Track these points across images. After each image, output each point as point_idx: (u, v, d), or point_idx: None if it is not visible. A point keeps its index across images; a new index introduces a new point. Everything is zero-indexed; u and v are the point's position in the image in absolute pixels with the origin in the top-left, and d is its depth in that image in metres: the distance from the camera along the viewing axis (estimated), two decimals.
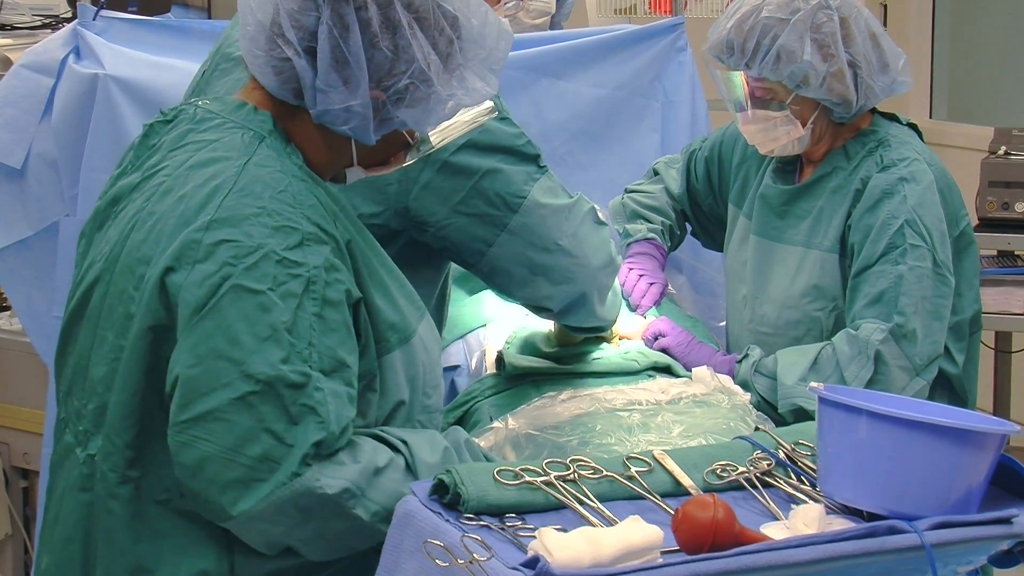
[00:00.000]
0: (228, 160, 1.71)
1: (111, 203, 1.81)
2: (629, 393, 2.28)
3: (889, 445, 1.56)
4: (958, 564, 1.60)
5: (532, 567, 1.42)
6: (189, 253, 1.65)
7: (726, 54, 2.51)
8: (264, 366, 1.61)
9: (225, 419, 1.61)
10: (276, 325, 1.63)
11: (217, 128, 1.76)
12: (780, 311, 2.58)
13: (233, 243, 1.64)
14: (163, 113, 1.85)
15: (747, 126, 2.56)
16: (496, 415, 2.28)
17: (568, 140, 3.12)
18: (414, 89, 1.73)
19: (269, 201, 1.67)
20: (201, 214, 1.66)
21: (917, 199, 2.45)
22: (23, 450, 3.21)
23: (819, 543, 1.48)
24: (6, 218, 2.79)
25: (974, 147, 4.46)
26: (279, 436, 1.61)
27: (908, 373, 2.40)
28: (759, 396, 2.43)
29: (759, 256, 2.64)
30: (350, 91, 1.71)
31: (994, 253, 3.91)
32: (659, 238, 2.82)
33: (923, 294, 2.42)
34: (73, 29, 2.76)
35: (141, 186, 1.77)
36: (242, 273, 1.63)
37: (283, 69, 1.73)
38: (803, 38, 2.44)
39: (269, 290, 1.63)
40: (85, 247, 1.83)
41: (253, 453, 1.60)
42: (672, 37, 3.19)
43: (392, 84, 1.73)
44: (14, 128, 2.76)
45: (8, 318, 3.28)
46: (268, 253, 1.64)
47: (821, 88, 2.46)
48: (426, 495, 1.62)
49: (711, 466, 1.74)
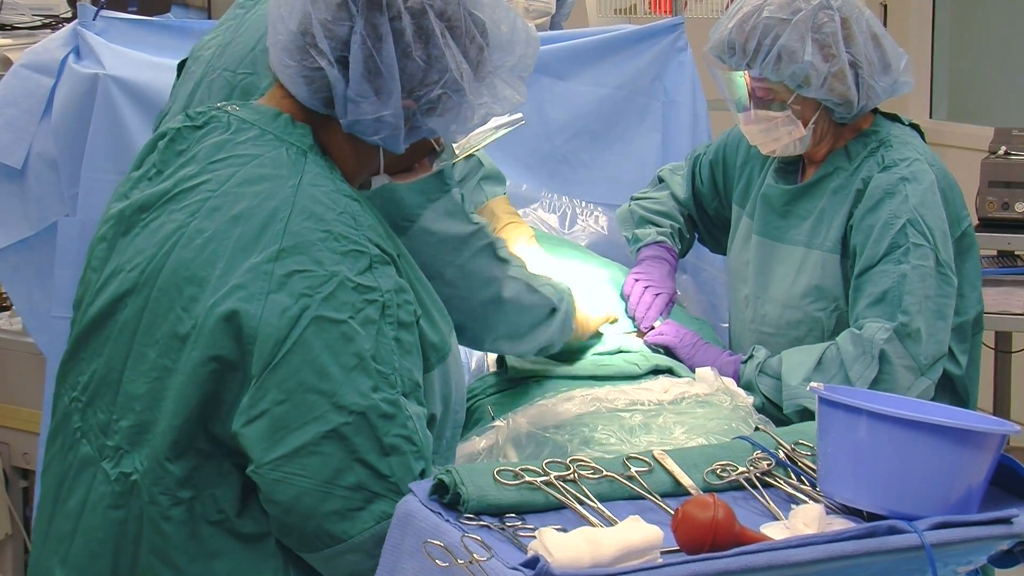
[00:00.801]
0: (279, 179, 1.69)
1: (139, 209, 1.76)
2: (631, 393, 2.28)
3: (889, 445, 1.56)
4: (958, 564, 1.60)
5: (532, 567, 1.42)
6: (260, 284, 1.63)
7: (727, 54, 2.51)
8: (356, 396, 1.61)
9: (319, 452, 1.60)
10: (361, 354, 1.62)
11: (256, 140, 1.74)
12: (782, 311, 2.58)
13: (306, 273, 1.63)
14: (189, 117, 1.82)
15: (749, 126, 2.56)
16: (498, 414, 2.28)
17: (570, 139, 3.13)
18: (446, 99, 1.73)
19: (333, 224, 1.66)
20: (263, 239, 1.65)
21: (919, 199, 2.45)
22: (23, 450, 3.21)
23: (819, 543, 1.48)
24: (7, 218, 2.79)
25: (974, 147, 4.46)
26: (372, 467, 1.61)
27: (913, 372, 2.40)
28: (764, 397, 2.43)
29: (761, 256, 2.64)
30: (382, 101, 1.70)
31: (994, 253, 3.91)
32: (669, 241, 2.82)
33: (926, 293, 2.42)
34: (73, 29, 2.76)
35: (180, 198, 1.73)
36: (320, 304, 1.62)
37: (315, 79, 1.72)
38: (804, 38, 2.44)
39: (350, 319, 1.63)
40: (106, 251, 1.78)
41: (347, 483, 1.61)
42: (672, 37, 3.20)
43: (424, 94, 1.72)
44: (14, 128, 2.76)
45: (8, 318, 3.28)
46: (343, 281, 1.63)
47: (822, 88, 2.46)
48: (426, 495, 1.62)
49: (711, 466, 1.74)
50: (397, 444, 1.63)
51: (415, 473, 1.64)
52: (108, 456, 1.70)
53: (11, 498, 3.29)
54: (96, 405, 1.73)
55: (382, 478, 1.62)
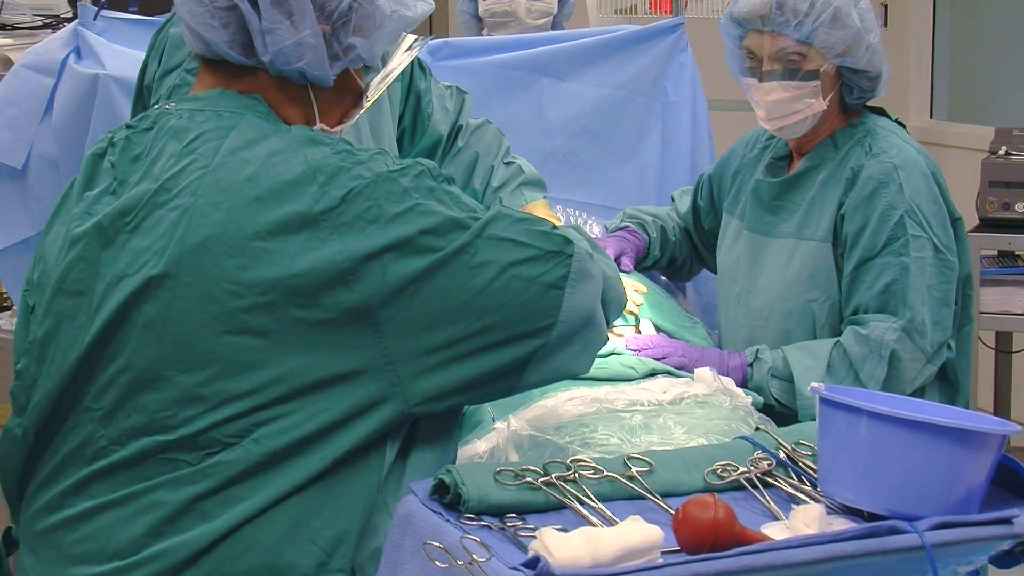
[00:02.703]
0: (266, 137, 1.70)
1: (119, 215, 1.71)
2: (631, 394, 2.28)
3: (890, 445, 1.56)
4: (958, 564, 1.60)
5: (532, 567, 1.42)
6: (326, 222, 1.65)
7: (775, 13, 2.45)
8: (466, 212, 1.71)
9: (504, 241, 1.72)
10: (442, 198, 1.70)
11: (217, 118, 1.74)
12: (772, 303, 2.58)
13: (359, 190, 1.66)
14: (131, 126, 1.80)
15: (768, 96, 2.50)
16: (498, 415, 2.28)
17: (570, 139, 3.13)
18: (357, 7, 1.75)
19: (340, 144, 1.70)
20: (294, 185, 1.65)
21: (913, 188, 2.46)
22: None
23: (820, 543, 1.48)
24: (8, 218, 2.79)
25: (974, 147, 4.47)
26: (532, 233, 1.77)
27: (920, 363, 2.43)
28: (775, 399, 2.44)
29: (750, 251, 2.64)
30: (296, 24, 1.72)
31: (994, 253, 3.91)
32: (636, 228, 2.82)
33: (928, 283, 2.43)
34: (73, 29, 2.76)
35: (170, 187, 1.70)
36: (384, 200, 1.66)
37: (229, 20, 1.73)
38: (853, 4, 2.45)
39: (414, 193, 1.68)
40: (89, 270, 1.71)
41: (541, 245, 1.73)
42: (673, 37, 3.20)
43: (335, 7, 1.74)
44: (15, 128, 2.76)
45: (8, 318, 3.28)
46: (385, 176, 1.68)
47: (863, 58, 2.46)
48: (426, 495, 1.62)
49: (711, 466, 1.74)
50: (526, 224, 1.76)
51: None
52: (195, 448, 1.66)
53: None
54: (129, 408, 1.67)
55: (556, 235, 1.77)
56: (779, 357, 2.48)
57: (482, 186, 2.65)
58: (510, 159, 2.67)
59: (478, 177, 2.64)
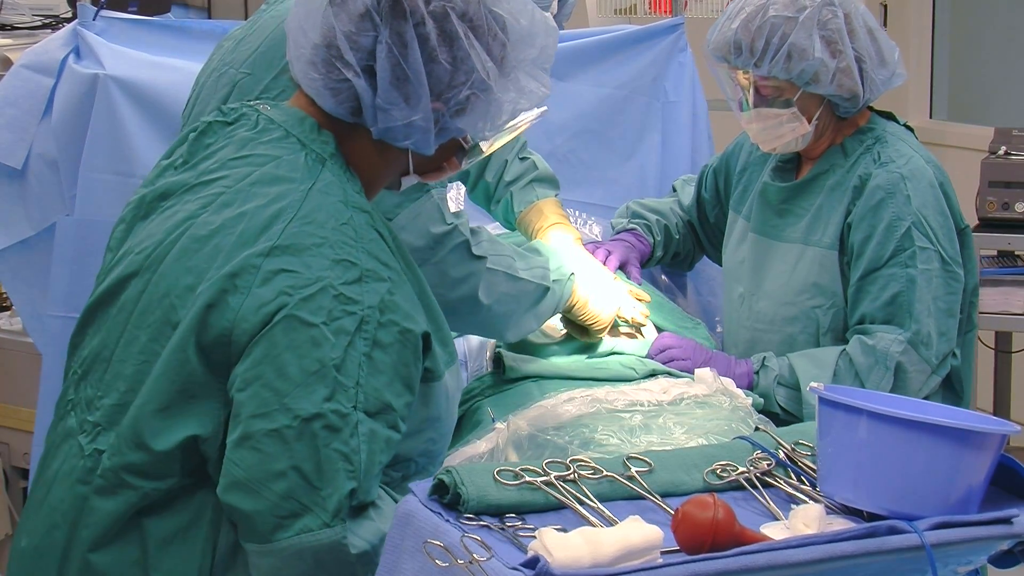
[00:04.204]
0: (291, 182, 1.70)
1: (160, 196, 1.78)
2: (631, 394, 2.28)
3: (889, 445, 1.56)
4: (958, 564, 1.60)
5: (532, 567, 1.42)
6: (247, 277, 1.64)
7: (733, 54, 2.50)
8: (306, 402, 1.61)
9: (258, 449, 1.60)
10: (324, 361, 1.62)
11: (279, 142, 1.75)
12: (776, 307, 2.58)
13: (292, 273, 1.63)
14: (223, 112, 1.83)
15: (751, 124, 2.55)
16: (497, 415, 2.28)
17: (570, 139, 3.13)
18: (474, 99, 1.73)
19: (331, 232, 1.66)
20: (262, 238, 1.65)
21: (920, 199, 2.46)
22: (23, 450, 3.20)
23: (819, 543, 1.48)
24: (7, 218, 2.79)
25: (974, 147, 4.46)
26: (306, 476, 1.60)
27: (925, 374, 2.44)
28: (780, 407, 2.44)
29: (756, 253, 2.64)
30: (411, 107, 1.71)
31: (994, 253, 3.91)
32: (642, 231, 2.82)
33: (934, 295, 2.43)
34: (73, 29, 2.76)
35: (197, 190, 1.75)
36: (298, 304, 1.62)
37: (341, 90, 1.72)
38: (812, 35, 2.44)
39: (323, 324, 1.62)
40: (123, 233, 1.80)
41: (278, 488, 1.60)
42: (672, 37, 3.20)
43: (452, 96, 1.72)
44: (14, 128, 2.76)
45: (8, 318, 3.29)
46: (326, 286, 1.63)
47: (831, 84, 2.46)
48: (426, 495, 1.62)
49: (711, 466, 1.74)
50: (332, 458, 1.61)
51: (343, 492, 1.61)
52: (87, 431, 1.72)
53: (11, 498, 3.29)
54: (89, 380, 1.75)
55: (313, 490, 1.61)
56: (785, 365, 2.48)
57: (495, 180, 2.65)
58: (525, 155, 2.67)
59: (491, 171, 2.64)
